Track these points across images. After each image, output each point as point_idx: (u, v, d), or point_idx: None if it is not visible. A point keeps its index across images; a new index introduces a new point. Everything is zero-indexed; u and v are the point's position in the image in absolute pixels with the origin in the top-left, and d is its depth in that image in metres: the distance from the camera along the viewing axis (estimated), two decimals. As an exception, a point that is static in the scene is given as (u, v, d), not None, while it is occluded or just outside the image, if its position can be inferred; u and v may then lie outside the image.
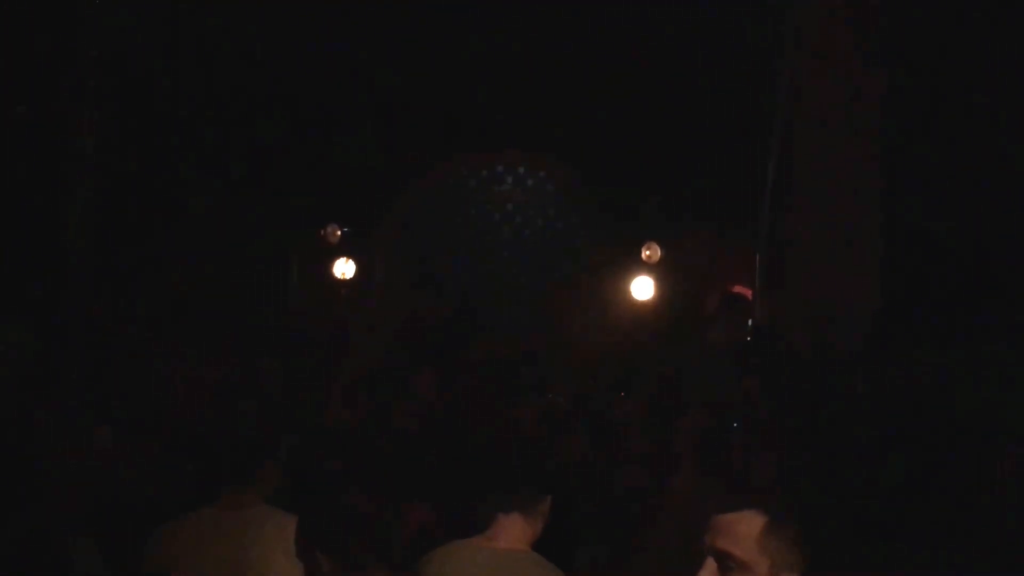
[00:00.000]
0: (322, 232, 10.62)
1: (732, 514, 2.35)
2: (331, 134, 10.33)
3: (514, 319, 10.66)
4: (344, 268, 10.76)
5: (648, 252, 10.52)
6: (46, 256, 6.50)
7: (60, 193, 6.65)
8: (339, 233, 10.74)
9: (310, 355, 7.55)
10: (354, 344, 9.25)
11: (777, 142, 8.63)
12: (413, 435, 5.00)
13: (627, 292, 10.46)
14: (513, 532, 3.22)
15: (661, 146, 10.16)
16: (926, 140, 7.11)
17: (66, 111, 6.62)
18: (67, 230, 6.65)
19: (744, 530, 2.35)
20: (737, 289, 9.76)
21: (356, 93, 10.38)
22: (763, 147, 9.14)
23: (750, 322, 9.42)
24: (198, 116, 9.47)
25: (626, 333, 9.84)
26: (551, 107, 10.44)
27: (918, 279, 7.09)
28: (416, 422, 5.20)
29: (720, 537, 2.34)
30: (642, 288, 10.48)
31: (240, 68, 9.73)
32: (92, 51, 7.01)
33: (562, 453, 4.95)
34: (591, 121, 10.39)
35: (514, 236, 11.82)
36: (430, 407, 5.54)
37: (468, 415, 5.47)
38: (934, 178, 7.07)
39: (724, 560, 2.31)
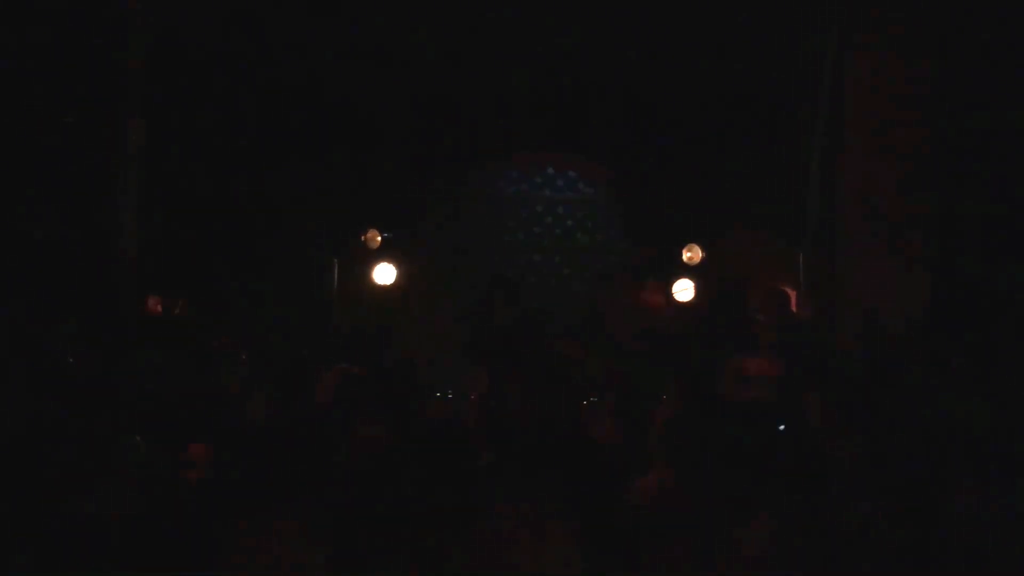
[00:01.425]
0: (363, 237, 10.65)
1: None
2: (370, 139, 10.39)
3: (563, 321, 10.63)
4: (385, 273, 10.77)
5: (689, 254, 10.46)
6: (98, 261, 6.58)
7: (111, 198, 6.73)
8: (379, 238, 10.76)
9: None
10: (396, 348, 9.27)
11: (822, 137, 8.55)
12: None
13: (669, 294, 10.40)
14: None
15: (703, 147, 10.10)
16: (978, 131, 7.00)
17: (115, 116, 6.70)
18: (119, 234, 6.74)
19: None
20: (781, 288, 9.68)
21: (395, 95, 10.42)
22: (807, 144, 9.06)
23: (793, 322, 9.34)
24: (244, 119, 9.56)
25: (668, 335, 9.77)
26: (591, 108, 10.42)
27: (969, 274, 6.97)
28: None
29: None
30: (683, 290, 10.41)
31: (282, 72, 9.81)
32: (141, 55, 7.10)
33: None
34: (632, 122, 10.35)
35: (564, 238, 11.81)
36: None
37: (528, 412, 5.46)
38: (986, 169, 6.96)
39: None
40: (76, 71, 6.52)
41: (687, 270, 10.39)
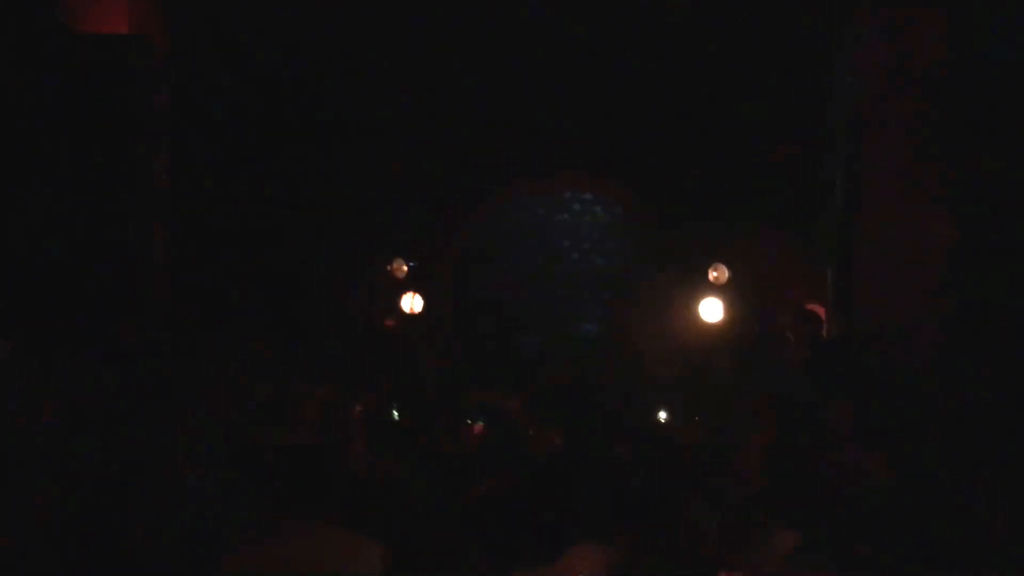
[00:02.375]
0: (389, 267, 10.72)
1: None
2: (390, 168, 10.48)
3: (584, 345, 10.63)
4: (412, 302, 10.82)
5: (715, 273, 10.42)
6: (123, 277, 6.65)
7: (136, 214, 6.81)
8: (406, 268, 10.83)
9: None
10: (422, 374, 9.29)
11: (843, 156, 8.51)
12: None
13: (695, 313, 10.36)
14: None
15: (726, 165, 10.09)
16: (998, 144, 6.92)
17: (137, 135, 6.79)
18: (142, 248, 6.81)
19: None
20: (810, 307, 9.62)
21: (415, 124, 10.50)
22: (829, 161, 9.02)
23: (823, 340, 9.27)
24: (270, 147, 9.67)
25: (696, 355, 9.74)
26: (610, 128, 10.44)
27: (988, 287, 6.88)
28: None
29: None
30: (710, 309, 10.37)
31: (306, 98, 9.93)
32: (165, 69, 7.19)
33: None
34: (653, 142, 10.36)
35: (582, 262, 11.82)
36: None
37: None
38: (1007, 183, 6.88)
39: None
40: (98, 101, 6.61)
41: (714, 289, 10.36)
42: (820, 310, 9.93)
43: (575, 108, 10.45)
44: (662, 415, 8.87)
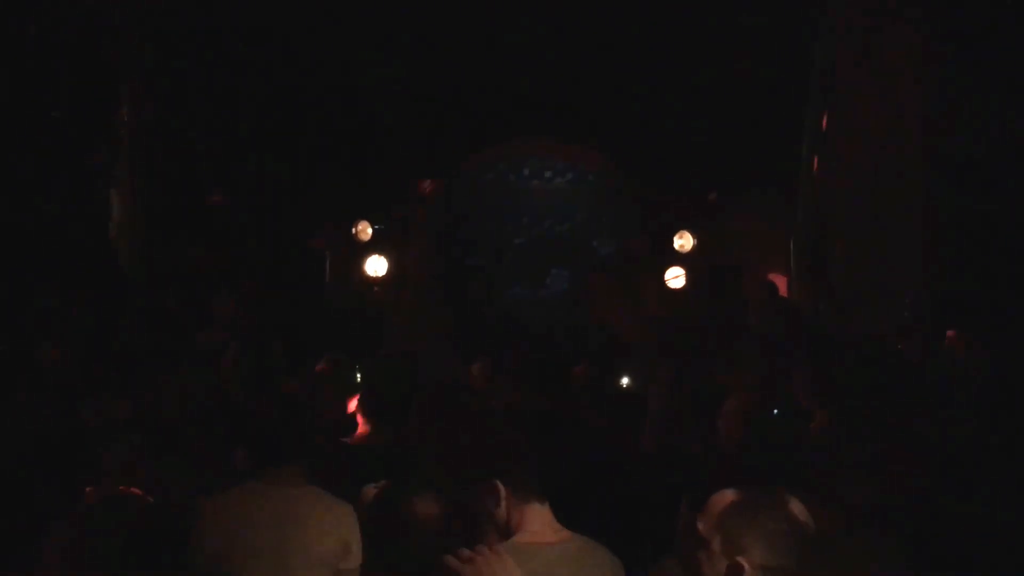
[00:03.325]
0: (354, 230, 10.62)
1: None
2: (359, 133, 10.35)
3: (556, 314, 10.64)
4: (376, 265, 10.74)
5: (681, 241, 10.46)
6: (89, 257, 6.56)
7: (100, 191, 6.71)
8: (370, 231, 10.74)
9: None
10: (387, 339, 9.25)
11: (813, 127, 8.55)
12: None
13: (661, 282, 10.41)
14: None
15: (695, 135, 10.08)
16: (969, 118, 6.98)
17: (102, 109, 6.68)
18: (108, 229, 6.72)
19: (712, 505, 2.36)
20: (771, 276, 9.70)
21: (382, 89, 10.39)
22: (798, 133, 9.06)
23: (786, 309, 9.35)
24: (232, 114, 9.52)
25: (662, 323, 9.78)
26: (582, 95, 10.39)
27: (962, 262, 6.96)
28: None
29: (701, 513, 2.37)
30: (675, 277, 10.43)
31: (267, 66, 9.77)
32: (125, 54, 7.07)
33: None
34: (623, 109, 10.33)
35: (554, 229, 11.81)
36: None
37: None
38: (978, 157, 6.94)
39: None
40: (68, 62, 6.48)
41: (679, 258, 10.41)
42: (780, 280, 10.01)
43: (544, 72, 10.39)
44: (624, 381, 8.91)
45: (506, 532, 2.90)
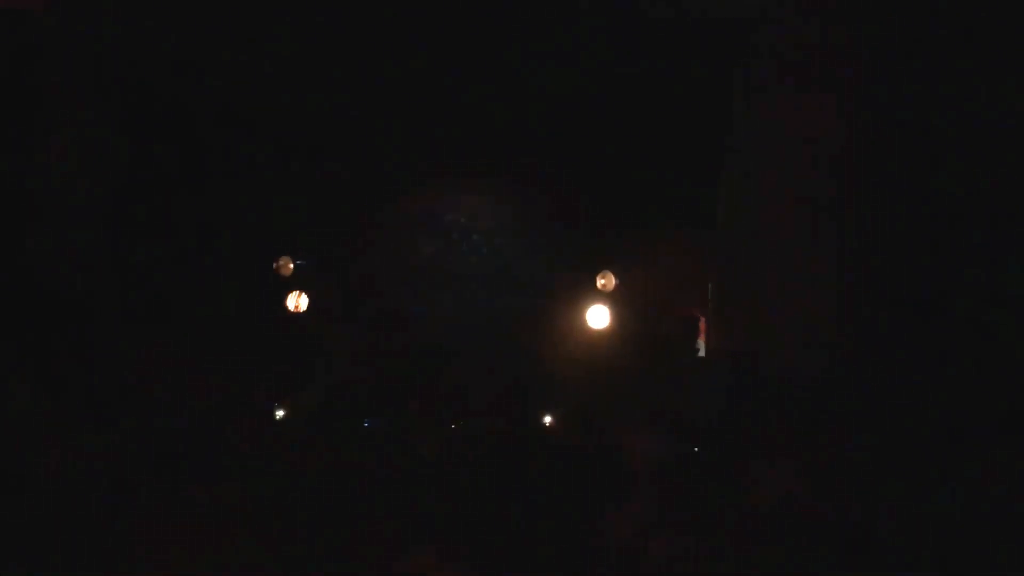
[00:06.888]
0: (275, 265, 10.54)
1: None
2: (284, 165, 10.29)
3: (480, 350, 10.63)
4: (298, 301, 10.65)
5: (603, 280, 10.58)
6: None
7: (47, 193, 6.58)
8: (291, 266, 10.66)
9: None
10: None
11: (730, 162, 8.74)
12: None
13: (583, 320, 10.49)
14: None
15: (616, 173, 10.23)
16: (884, 146, 7.18)
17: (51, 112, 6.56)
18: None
19: None
20: (692, 312, 9.85)
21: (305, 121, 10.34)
22: (716, 169, 9.23)
23: (704, 346, 9.52)
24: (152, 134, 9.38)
25: (586, 361, 9.85)
26: (507, 131, 10.46)
27: (880, 288, 7.14)
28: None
29: None
30: (597, 316, 10.52)
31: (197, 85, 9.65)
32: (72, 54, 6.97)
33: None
34: (547, 148, 10.43)
35: (479, 267, 11.81)
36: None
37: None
38: (895, 183, 7.15)
39: None
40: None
41: (601, 296, 10.51)
42: (702, 318, 10.17)
43: (467, 107, 10.45)
44: (547, 419, 8.95)
45: None
